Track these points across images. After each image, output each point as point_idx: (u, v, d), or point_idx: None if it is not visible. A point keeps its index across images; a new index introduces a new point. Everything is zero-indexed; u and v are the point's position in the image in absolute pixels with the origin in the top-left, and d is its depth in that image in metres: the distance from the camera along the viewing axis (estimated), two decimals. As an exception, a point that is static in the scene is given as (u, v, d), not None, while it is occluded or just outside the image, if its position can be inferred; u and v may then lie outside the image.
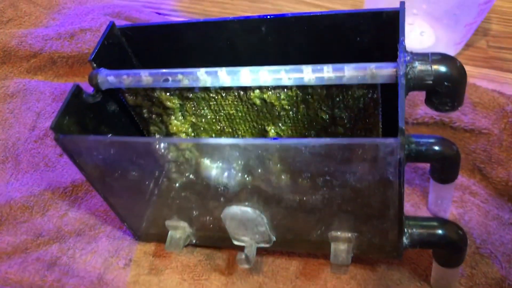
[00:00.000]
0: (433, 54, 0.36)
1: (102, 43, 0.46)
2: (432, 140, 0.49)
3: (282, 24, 0.44)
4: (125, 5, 0.73)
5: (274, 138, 0.35)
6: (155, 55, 0.50)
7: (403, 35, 0.37)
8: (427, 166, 0.54)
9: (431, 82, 0.36)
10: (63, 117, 0.40)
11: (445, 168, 0.51)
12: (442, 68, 0.35)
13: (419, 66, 0.35)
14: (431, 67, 0.35)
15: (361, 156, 0.34)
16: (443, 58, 0.36)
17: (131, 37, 0.48)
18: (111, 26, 0.47)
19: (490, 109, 0.62)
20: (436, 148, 0.48)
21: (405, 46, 0.36)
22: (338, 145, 0.34)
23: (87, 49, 0.65)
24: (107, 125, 0.48)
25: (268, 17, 0.44)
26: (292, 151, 0.35)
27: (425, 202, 0.57)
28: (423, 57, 0.36)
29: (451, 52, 0.73)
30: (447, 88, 0.36)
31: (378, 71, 0.37)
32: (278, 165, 0.37)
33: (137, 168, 0.42)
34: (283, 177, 0.38)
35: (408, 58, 0.36)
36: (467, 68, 0.79)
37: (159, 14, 0.77)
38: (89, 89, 0.45)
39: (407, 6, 0.67)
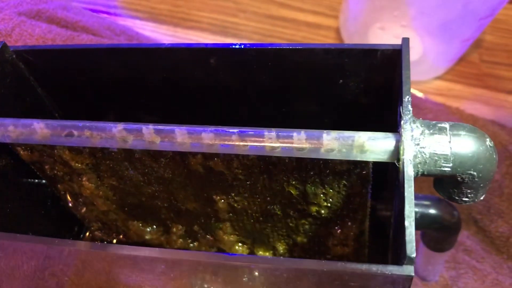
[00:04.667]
0: (453, 126, 0.25)
1: (-16, 74, 0.32)
2: (427, 202, 0.38)
3: (238, 58, 0.32)
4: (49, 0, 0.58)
5: (226, 253, 0.24)
6: (69, 86, 0.37)
7: (408, 91, 0.26)
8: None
9: (448, 169, 0.24)
10: None
11: (442, 237, 0.41)
12: (466, 150, 0.24)
13: (433, 146, 0.24)
14: (450, 147, 0.24)
15: (346, 281, 0.23)
16: (467, 133, 0.24)
17: (33, 62, 0.35)
18: (1, 48, 0.33)
19: (491, 149, 0.51)
20: (433, 212, 0.38)
21: (411, 111, 0.25)
22: (314, 271, 0.22)
23: (-6, 59, 0.51)
24: (-4, 185, 0.35)
25: (218, 47, 0.32)
26: (243, 270, 0.24)
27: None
28: (439, 130, 0.24)
29: (442, 69, 0.63)
30: (470, 177, 0.25)
31: (371, 145, 0.25)
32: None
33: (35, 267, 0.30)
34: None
35: (418, 132, 0.24)
36: (459, 87, 0.69)
37: (94, 11, 0.63)
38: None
39: (396, 16, 0.56)
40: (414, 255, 0.21)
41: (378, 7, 0.56)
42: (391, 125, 0.33)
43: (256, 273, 0.24)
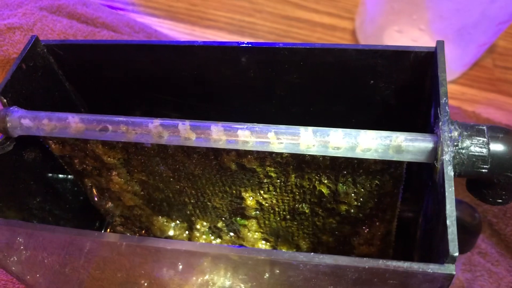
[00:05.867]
0: (491, 128, 0.25)
1: (18, 67, 0.33)
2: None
3: (269, 57, 0.32)
4: (69, -5, 0.59)
5: (257, 249, 0.24)
6: (97, 81, 0.37)
7: (445, 93, 0.26)
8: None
9: (486, 170, 0.25)
10: None
11: (462, 239, 0.41)
12: (504, 152, 0.24)
13: (471, 147, 0.24)
14: (489, 149, 0.24)
15: (386, 279, 0.23)
16: (505, 135, 0.25)
17: (63, 56, 0.36)
18: (33, 42, 0.34)
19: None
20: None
21: (448, 112, 0.25)
22: (356, 268, 0.23)
23: (15, 53, 0.51)
24: (26, 178, 0.35)
25: (251, 45, 0.32)
26: (284, 266, 0.24)
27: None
28: (477, 132, 0.25)
29: (456, 74, 0.63)
30: (506, 179, 0.25)
31: (408, 146, 0.26)
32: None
33: (59, 257, 0.30)
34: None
35: (456, 134, 0.25)
36: (472, 91, 0.70)
37: (112, 8, 0.63)
38: None
39: (415, 20, 0.57)
40: (457, 253, 0.21)
41: (396, 10, 0.56)
42: (419, 126, 0.34)
43: (296, 269, 0.24)
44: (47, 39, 0.52)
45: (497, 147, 0.24)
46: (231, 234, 0.38)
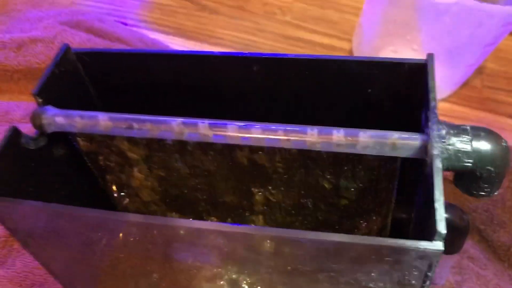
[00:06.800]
0: (473, 128, 0.29)
1: (52, 71, 0.36)
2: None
3: (278, 65, 0.36)
4: (87, 12, 0.63)
5: (263, 227, 0.27)
6: (118, 86, 0.41)
7: (435, 98, 0.30)
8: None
9: (470, 164, 0.28)
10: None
11: (451, 240, 0.44)
12: (485, 148, 0.28)
13: (457, 144, 0.28)
14: (472, 145, 0.28)
15: (383, 256, 0.26)
16: (486, 134, 0.28)
17: (89, 63, 0.39)
18: (65, 50, 0.37)
19: (494, 164, 0.56)
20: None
21: (437, 114, 0.29)
22: (353, 244, 0.26)
23: (37, 63, 0.55)
24: (52, 174, 0.38)
25: (262, 56, 0.36)
26: (288, 243, 0.27)
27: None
28: (462, 131, 0.29)
29: (447, 92, 0.67)
30: (488, 173, 0.28)
31: (402, 143, 0.29)
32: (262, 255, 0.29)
33: (90, 241, 0.33)
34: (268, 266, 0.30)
35: (444, 132, 0.28)
36: (462, 109, 0.74)
37: (126, 24, 0.67)
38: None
39: (409, 40, 0.61)
40: (445, 231, 0.25)
41: (391, 31, 0.61)
42: (412, 129, 0.37)
43: (301, 247, 0.27)
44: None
45: (479, 144, 0.28)
46: (239, 230, 0.41)
